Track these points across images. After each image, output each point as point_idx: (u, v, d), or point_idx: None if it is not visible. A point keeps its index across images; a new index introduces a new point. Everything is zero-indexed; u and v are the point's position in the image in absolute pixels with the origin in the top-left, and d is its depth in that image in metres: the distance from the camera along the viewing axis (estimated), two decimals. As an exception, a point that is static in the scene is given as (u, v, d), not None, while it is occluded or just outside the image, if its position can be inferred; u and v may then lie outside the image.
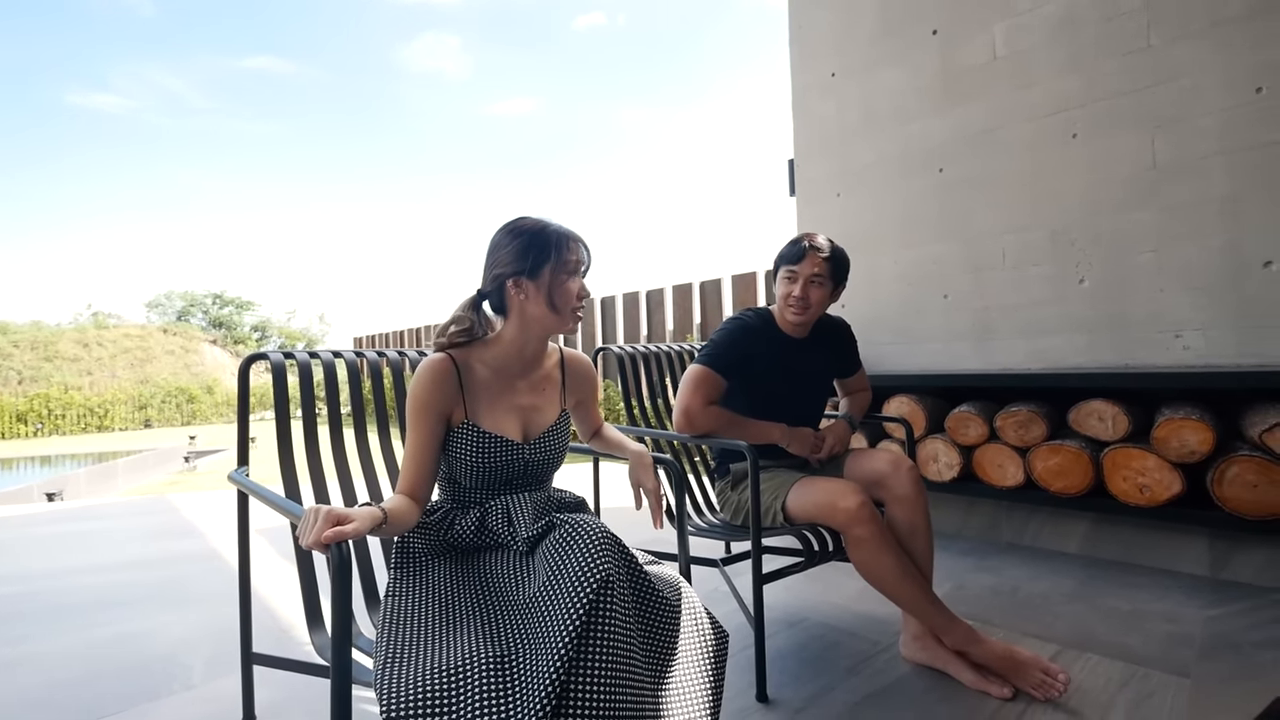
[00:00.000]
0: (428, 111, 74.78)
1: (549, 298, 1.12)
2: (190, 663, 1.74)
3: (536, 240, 1.11)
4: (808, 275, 1.61)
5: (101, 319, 25.39)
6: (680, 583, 1.08)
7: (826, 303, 1.66)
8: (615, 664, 0.86)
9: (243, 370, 1.44)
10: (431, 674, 0.85)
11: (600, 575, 0.89)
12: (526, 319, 1.14)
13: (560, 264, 1.12)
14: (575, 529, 0.97)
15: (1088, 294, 2.43)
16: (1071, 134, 2.45)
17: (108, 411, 14.29)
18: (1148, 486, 2.02)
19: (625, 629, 0.90)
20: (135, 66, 57.51)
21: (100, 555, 2.90)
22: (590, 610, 0.86)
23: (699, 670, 1.01)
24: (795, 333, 1.69)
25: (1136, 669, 1.49)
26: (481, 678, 0.85)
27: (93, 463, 8.26)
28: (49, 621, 2.06)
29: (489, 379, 1.15)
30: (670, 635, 1.00)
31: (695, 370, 1.60)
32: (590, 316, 7.34)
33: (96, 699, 1.55)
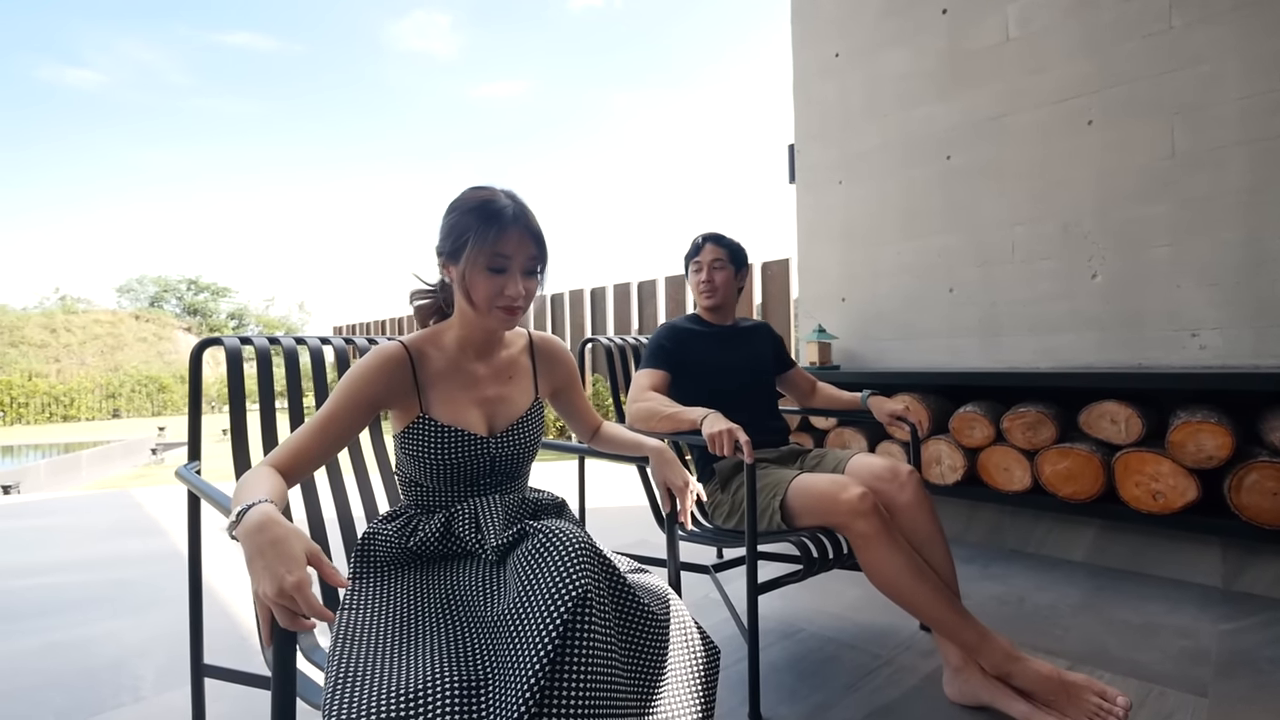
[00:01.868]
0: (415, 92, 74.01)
1: (465, 289, 0.97)
2: (141, 672, 1.62)
3: (461, 220, 0.96)
4: (709, 261, 1.80)
5: (70, 304, 24.95)
6: (669, 594, 0.97)
7: (732, 284, 1.82)
8: (594, 688, 0.76)
9: (194, 356, 1.32)
10: (387, 697, 0.74)
11: (577, 591, 0.79)
12: (459, 305, 1.01)
13: (478, 252, 0.94)
14: (550, 538, 0.86)
15: (1100, 289, 2.33)
16: (1086, 120, 2.34)
17: (74, 400, 13.96)
18: (1162, 493, 1.92)
19: (605, 649, 0.80)
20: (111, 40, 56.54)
21: (53, 553, 2.77)
22: (566, 630, 0.76)
23: (687, 690, 0.91)
24: (716, 319, 1.84)
25: (1153, 687, 1.39)
26: (446, 703, 0.74)
27: (56, 454, 8.08)
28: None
29: (446, 369, 1.04)
30: (657, 652, 0.90)
31: (637, 376, 1.70)
32: (580, 308, 7.21)
33: (32, 713, 1.43)
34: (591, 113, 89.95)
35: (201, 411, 1.34)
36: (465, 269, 0.96)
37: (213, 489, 1.05)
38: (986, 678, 1.29)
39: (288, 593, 0.67)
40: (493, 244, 0.94)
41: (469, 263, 0.95)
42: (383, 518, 1.04)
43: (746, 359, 1.81)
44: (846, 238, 3.00)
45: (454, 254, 0.97)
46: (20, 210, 53.26)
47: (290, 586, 0.67)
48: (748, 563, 1.32)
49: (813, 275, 3.13)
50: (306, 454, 0.93)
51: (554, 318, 7.61)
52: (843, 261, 3.01)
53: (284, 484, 0.88)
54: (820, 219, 3.10)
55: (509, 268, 0.96)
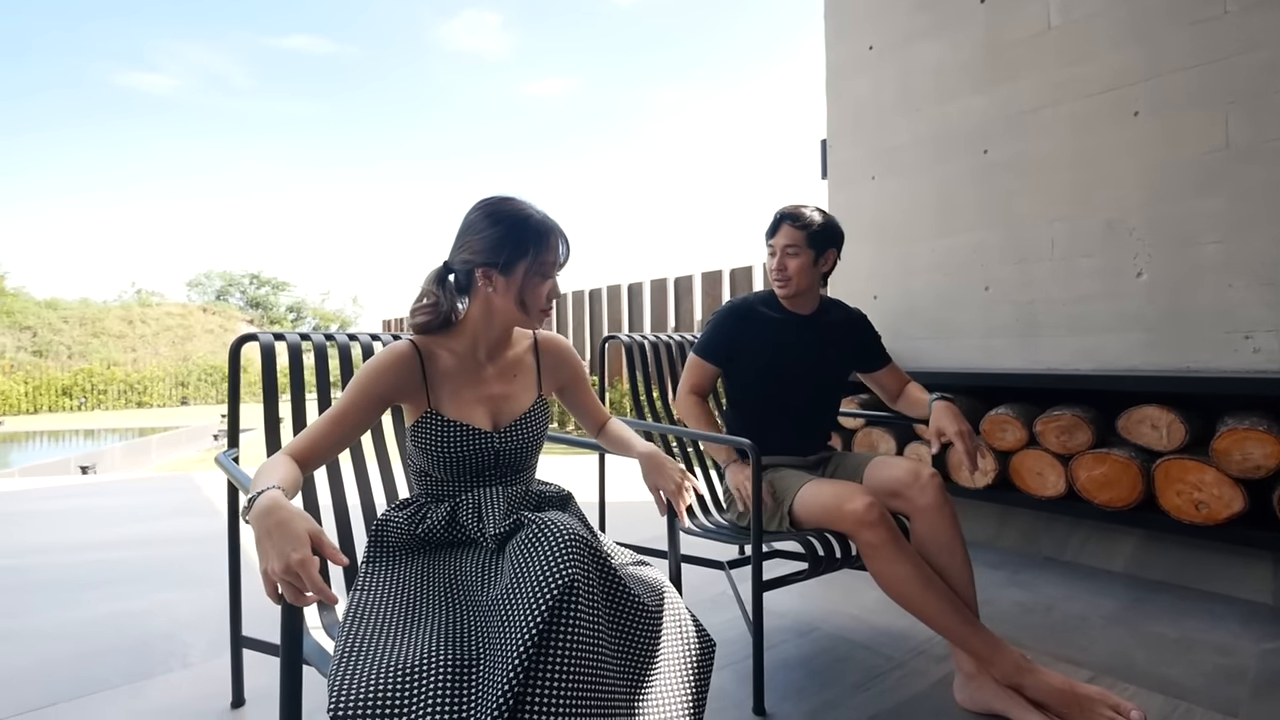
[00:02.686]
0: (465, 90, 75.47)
1: (519, 296, 1.05)
2: (191, 642, 1.74)
3: (514, 234, 1.03)
4: (782, 246, 1.61)
5: (145, 297, 26.49)
6: (664, 587, 1.00)
7: (811, 272, 1.61)
8: (578, 672, 0.80)
9: (233, 352, 1.42)
10: (386, 672, 0.80)
11: (564, 580, 0.83)
12: (491, 309, 1.08)
13: (536, 264, 1.03)
14: (542, 529, 0.90)
15: (1145, 288, 2.23)
16: (1133, 112, 2.24)
17: (147, 388, 14.89)
18: (1205, 503, 1.83)
19: (591, 636, 0.84)
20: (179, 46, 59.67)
21: (120, 530, 2.98)
22: (551, 616, 0.80)
23: (680, 679, 0.94)
24: (794, 307, 1.66)
25: (1179, 704, 1.34)
26: (437, 680, 0.80)
27: (131, 438, 8.64)
28: (56, 595, 2.12)
29: (454, 367, 1.09)
30: (648, 642, 0.93)
31: (689, 359, 1.69)
32: (617, 304, 7.26)
33: (94, 673, 1.57)
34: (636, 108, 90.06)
35: (240, 402, 1.43)
36: (522, 279, 1.04)
37: (243, 475, 1.13)
38: (999, 687, 1.27)
39: (293, 569, 0.73)
40: (546, 254, 1.04)
41: (527, 273, 1.03)
42: (395, 505, 1.11)
43: (815, 353, 1.64)
44: (879, 234, 2.94)
45: (508, 265, 1.03)
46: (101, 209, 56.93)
47: (295, 564, 0.73)
48: (753, 561, 1.34)
49: (844, 273, 3.08)
50: (321, 445, 1.00)
51: (591, 314, 7.69)
52: (875, 259, 2.96)
53: (299, 472, 0.95)
54: (853, 215, 3.05)
55: (553, 273, 1.07)
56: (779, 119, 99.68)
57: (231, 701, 1.42)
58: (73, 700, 1.44)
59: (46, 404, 13.53)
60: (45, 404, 13.51)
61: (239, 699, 1.42)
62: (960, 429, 1.49)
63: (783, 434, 1.62)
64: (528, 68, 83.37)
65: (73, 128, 53.18)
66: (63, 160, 53.07)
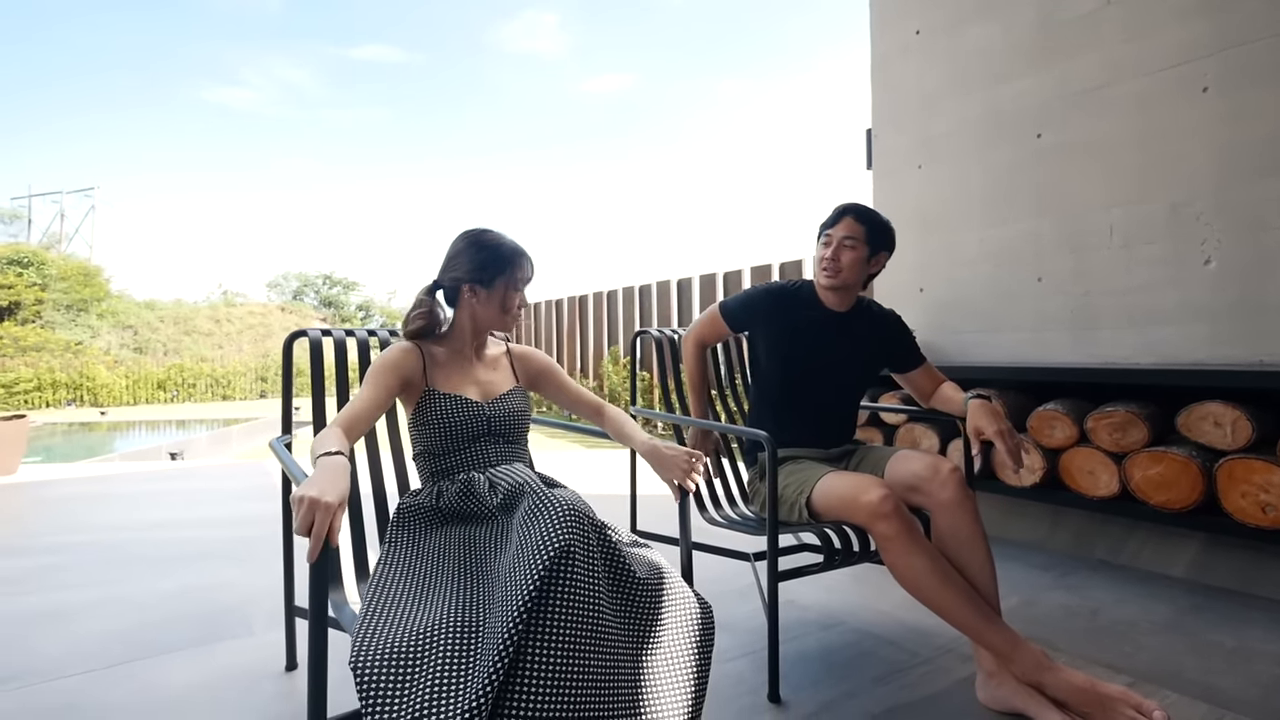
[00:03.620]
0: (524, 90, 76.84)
1: (501, 304, 1.30)
2: (254, 614, 1.90)
3: (495, 256, 1.28)
4: (840, 237, 1.58)
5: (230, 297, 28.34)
6: (662, 564, 1.06)
7: (861, 269, 1.60)
8: (575, 632, 0.86)
9: (286, 346, 1.54)
10: (403, 635, 0.88)
11: (560, 544, 0.90)
12: (475, 316, 1.31)
13: (511, 280, 1.29)
14: (543, 501, 0.98)
15: (1213, 277, 2.08)
16: (1201, 88, 2.09)
17: (231, 381, 15.99)
18: (1272, 505, 1.71)
19: (589, 598, 0.89)
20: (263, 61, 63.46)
21: (198, 511, 3.26)
22: (547, 576, 0.86)
23: (684, 651, 0.99)
24: (832, 302, 1.63)
25: (1224, 713, 1.27)
26: (447, 642, 0.87)
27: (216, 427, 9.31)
28: (141, 567, 2.34)
29: (446, 361, 1.31)
30: (649, 612, 0.99)
31: (710, 309, 1.73)
32: (666, 299, 7.29)
33: (171, 637, 1.74)
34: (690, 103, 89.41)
35: (293, 393, 1.55)
36: (502, 291, 1.29)
37: (290, 460, 1.23)
38: (1020, 684, 1.24)
39: (319, 502, 0.84)
40: (518, 271, 1.30)
41: (506, 286, 1.29)
42: (411, 493, 1.22)
43: (838, 351, 1.63)
44: (924, 225, 2.86)
45: (489, 280, 1.28)
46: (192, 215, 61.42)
47: (323, 502, 0.84)
48: (769, 551, 1.35)
49: (890, 265, 2.99)
50: (359, 417, 1.17)
51: (642, 309, 7.75)
52: (920, 250, 2.88)
53: (348, 441, 1.11)
54: (898, 205, 2.98)
55: (523, 286, 1.32)
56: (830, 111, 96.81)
57: (286, 665, 1.54)
58: (149, 659, 1.61)
59: (145, 396, 14.75)
60: (143, 396, 14.73)
61: (292, 663, 1.54)
62: (1000, 428, 1.43)
63: (804, 426, 1.62)
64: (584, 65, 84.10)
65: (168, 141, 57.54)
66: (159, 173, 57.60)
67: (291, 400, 1.55)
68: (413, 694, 0.80)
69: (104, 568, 2.33)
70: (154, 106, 55.65)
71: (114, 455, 6.74)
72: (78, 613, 1.91)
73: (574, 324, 9.13)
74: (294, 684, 1.49)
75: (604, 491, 3.57)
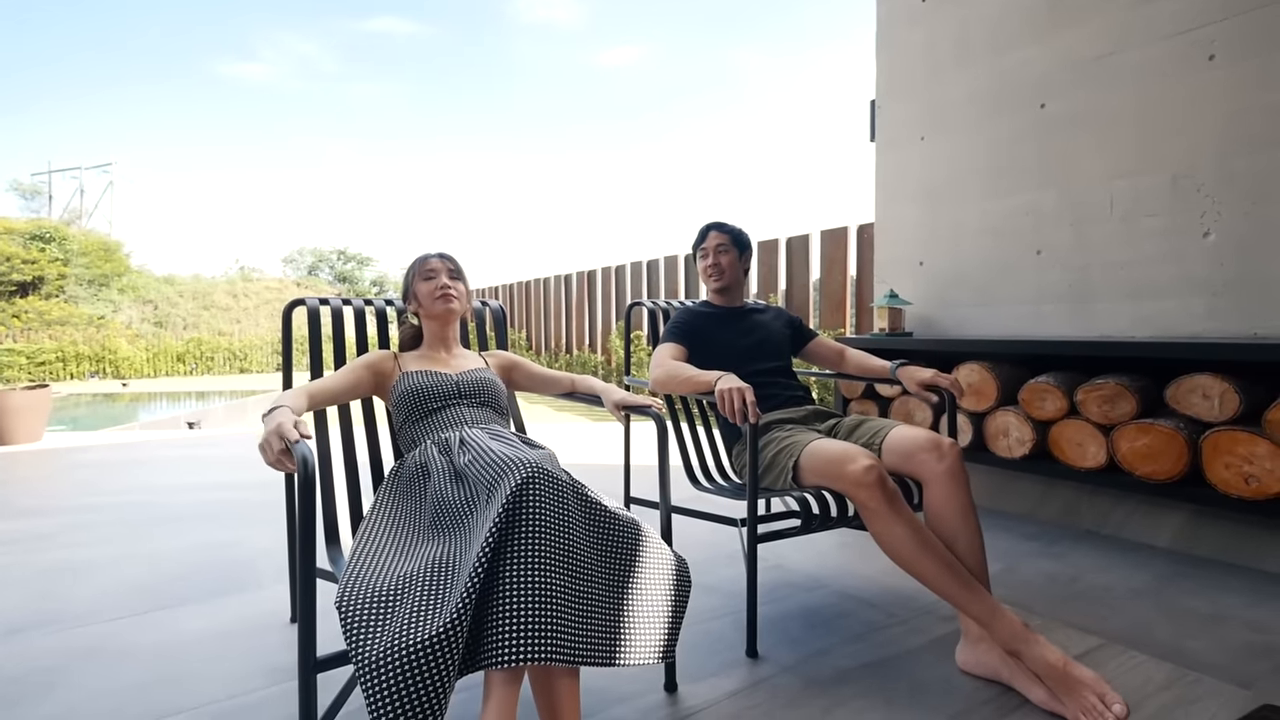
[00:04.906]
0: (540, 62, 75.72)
1: (426, 295, 1.49)
2: (264, 569, 2.00)
3: (408, 270, 1.55)
4: (713, 247, 1.89)
5: (247, 272, 28.54)
6: (640, 522, 1.11)
7: (737, 266, 1.90)
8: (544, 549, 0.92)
9: (286, 315, 1.60)
10: (385, 583, 0.95)
11: (526, 471, 0.98)
12: (423, 314, 1.53)
13: (420, 273, 1.51)
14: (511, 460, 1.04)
15: (1213, 249, 2.07)
16: (1207, 56, 2.05)
17: (248, 355, 16.25)
18: (1255, 476, 1.72)
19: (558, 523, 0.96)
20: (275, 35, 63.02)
21: (212, 475, 3.39)
22: (516, 495, 0.95)
23: (658, 587, 1.07)
24: (725, 301, 1.92)
25: (1187, 673, 1.31)
26: (423, 584, 0.94)
27: (233, 399, 9.52)
28: (163, 526, 2.46)
29: (418, 358, 1.49)
30: (627, 554, 1.06)
31: (657, 351, 1.79)
32: (674, 273, 7.29)
33: (186, 589, 1.84)
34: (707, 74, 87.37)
35: (292, 361, 1.61)
36: (419, 285, 1.50)
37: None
38: (1004, 653, 1.26)
39: (275, 432, 1.03)
40: (423, 266, 1.51)
41: (417, 279, 1.51)
42: (398, 461, 1.32)
43: (757, 335, 1.87)
44: (927, 197, 2.84)
45: (410, 285, 1.53)
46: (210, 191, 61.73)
47: (275, 428, 1.03)
48: (748, 516, 1.40)
49: (890, 238, 3.01)
50: (324, 390, 1.33)
51: (649, 283, 7.76)
52: (922, 223, 2.87)
53: (306, 403, 1.26)
54: (900, 178, 2.96)
55: (436, 276, 1.49)
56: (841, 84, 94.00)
57: (290, 617, 1.63)
58: (167, 609, 1.71)
59: (165, 369, 15.06)
60: (163, 369, 15.04)
61: (295, 615, 1.63)
62: (935, 372, 1.68)
63: (765, 400, 1.70)
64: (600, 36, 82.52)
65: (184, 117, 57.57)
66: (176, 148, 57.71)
67: (292, 369, 1.61)
68: (391, 625, 0.87)
69: (124, 527, 2.44)
70: (170, 81, 55.61)
71: (134, 424, 6.95)
72: (102, 567, 2.02)
73: (582, 299, 9.16)
74: (293, 634, 1.58)
75: (599, 461, 3.65)
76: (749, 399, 1.36)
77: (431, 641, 0.83)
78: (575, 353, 9.21)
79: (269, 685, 1.34)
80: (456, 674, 0.85)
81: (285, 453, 1.00)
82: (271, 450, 1.01)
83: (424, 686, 0.81)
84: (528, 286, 10.81)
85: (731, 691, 1.27)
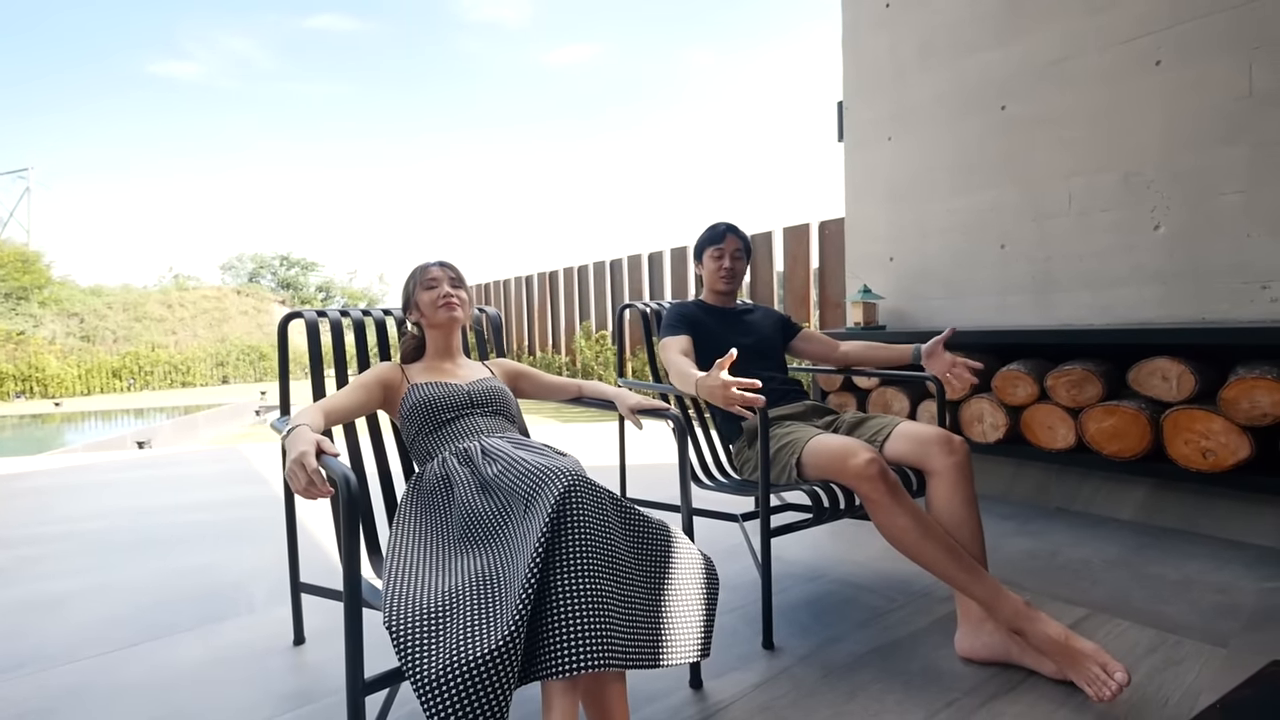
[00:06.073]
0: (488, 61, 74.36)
1: (428, 303, 1.47)
2: (254, 591, 1.92)
3: (409, 279, 1.52)
4: (731, 250, 1.90)
5: (182, 281, 27.22)
6: (666, 522, 1.13)
7: (743, 275, 1.95)
8: (591, 559, 0.93)
9: (281, 328, 1.55)
10: (431, 598, 0.94)
11: (567, 479, 0.99)
12: (426, 323, 1.50)
13: (421, 282, 1.48)
14: (550, 467, 1.05)
15: (1163, 241, 2.22)
16: (1154, 61, 2.20)
17: (190, 368, 15.54)
18: (1212, 451, 1.87)
19: (600, 531, 0.97)
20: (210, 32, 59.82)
21: (181, 496, 3.22)
22: (561, 504, 0.95)
23: (692, 588, 1.09)
24: (720, 303, 1.95)
25: (1169, 637, 1.42)
26: (471, 600, 0.93)
27: (178, 415, 9.07)
28: (135, 552, 2.32)
29: (424, 370, 1.47)
30: (660, 555, 1.08)
31: (664, 344, 1.78)
32: (638, 272, 7.31)
33: (173, 617, 1.75)
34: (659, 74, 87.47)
35: (289, 375, 1.56)
36: (420, 294, 1.48)
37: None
38: (1007, 632, 1.31)
39: (298, 461, 0.98)
40: (424, 275, 1.49)
41: (418, 289, 1.48)
42: (416, 475, 1.29)
43: (754, 335, 1.91)
44: (895, 195, 2.95)
45: (411, 295, 1.50)
46: (139, 197, 58.31)
47: (299, 455, 1.00)
48: (761, 509, 1.44)
49: (860, 235, 3.10)
50: (338, 407, 1.30)
51: (613, 284, 7.76)
52: (891, 220, 2.97)
53: (324, 421, 1.23)
54: (868, 177, 3.06)
55: (438, 285, 1.47)
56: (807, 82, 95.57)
57: (294, 640, 1.58)
58: (158, 639, 1.63)
59: (98, 386, 14.20)
60: (97, 386, 14.18)
61: (299, 637, 1.58)
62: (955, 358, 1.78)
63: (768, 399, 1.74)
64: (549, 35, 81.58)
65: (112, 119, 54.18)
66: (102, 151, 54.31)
67: (289, 383, 1.56)
68: (446, 641, 0.86)
69: (90, 555, 2.31)
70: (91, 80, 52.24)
71: (76, 446, 6.53)
72: (75, 599, 1.90)
73: (544, 300, 9.09)
74: (302, 657, 1.53)
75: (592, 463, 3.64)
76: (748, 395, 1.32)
77: (491, 655, 0.83)
78: (539, 354, 9.13)
79: (283, 712, 1.30)
80: (515, 685, 0.85)
81: (312, 482, 0.97)
82: (299, 480, 0.97)
83: (487, 700, 0.81)
84: (488, 289, 10.66)
85: (755, 684, 1.31)
